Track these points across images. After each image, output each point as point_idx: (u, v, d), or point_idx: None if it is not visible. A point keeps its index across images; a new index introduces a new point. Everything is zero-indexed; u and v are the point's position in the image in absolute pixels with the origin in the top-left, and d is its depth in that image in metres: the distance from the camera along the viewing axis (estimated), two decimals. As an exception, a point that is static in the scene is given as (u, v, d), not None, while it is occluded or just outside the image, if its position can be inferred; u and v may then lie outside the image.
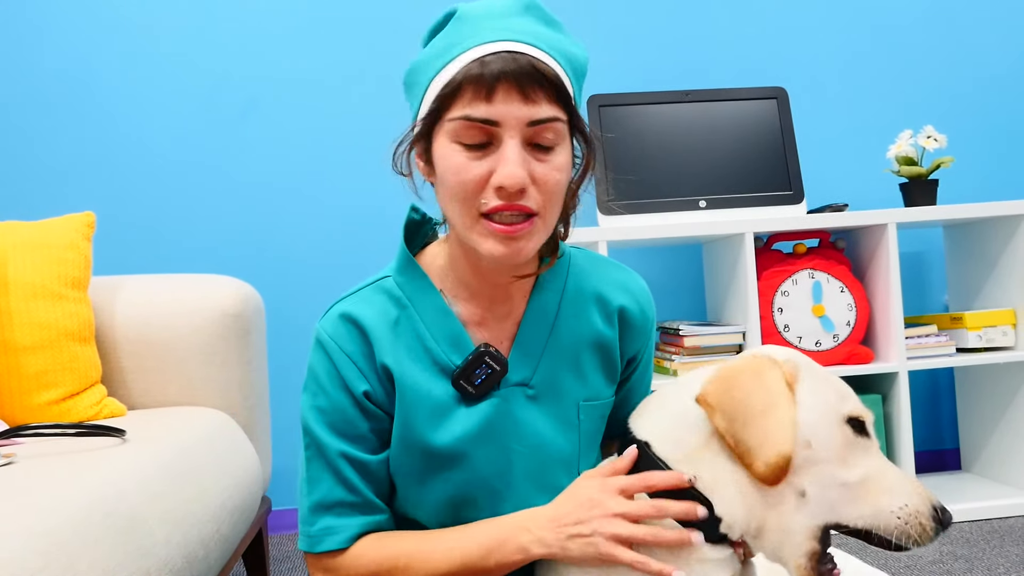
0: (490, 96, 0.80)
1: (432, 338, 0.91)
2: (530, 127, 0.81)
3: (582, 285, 0.97)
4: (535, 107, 0.81)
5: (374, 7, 2.32)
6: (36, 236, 1.47)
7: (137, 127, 2.25)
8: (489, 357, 0.89)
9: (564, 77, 0.84)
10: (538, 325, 0.94)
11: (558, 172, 0.84)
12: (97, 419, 1.41)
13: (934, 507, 0.79)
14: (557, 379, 0.93)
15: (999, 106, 2.47)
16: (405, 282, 0.93)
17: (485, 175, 0.82)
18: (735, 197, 2.11)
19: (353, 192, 2.29)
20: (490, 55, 0.81)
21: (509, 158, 0.80)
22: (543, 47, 0.84)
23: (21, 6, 2.22)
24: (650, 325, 1.00)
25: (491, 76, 0.80)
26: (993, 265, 2.14)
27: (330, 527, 0.90)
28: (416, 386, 0.90)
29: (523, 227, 0.83)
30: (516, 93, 0.80)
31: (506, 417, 0.91)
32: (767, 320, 2.02)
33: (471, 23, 0.84)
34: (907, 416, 1.98)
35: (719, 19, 2.41)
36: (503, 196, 0.81)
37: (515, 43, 0.82)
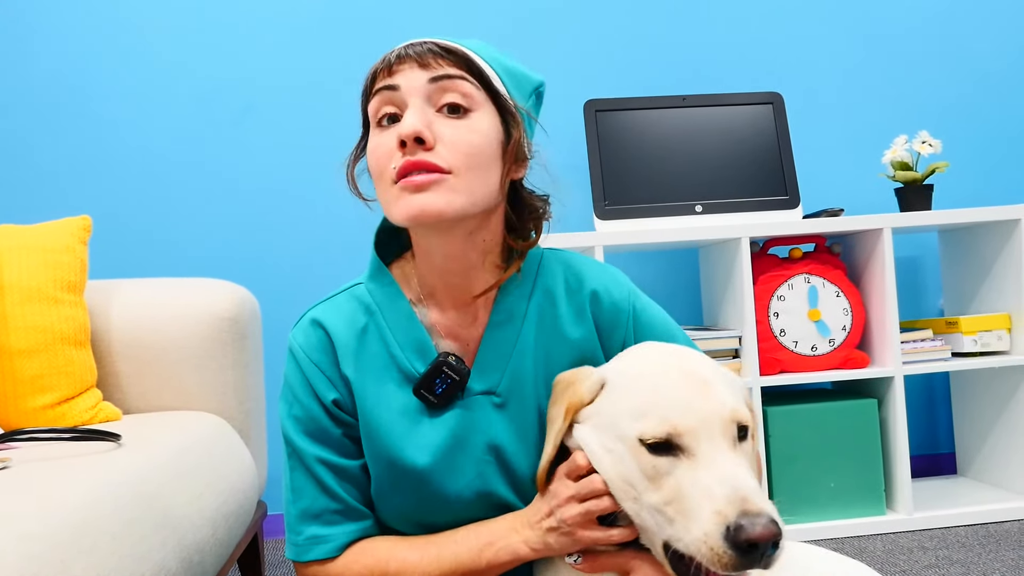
0: (391, 71, 0.85)
1: (398, 346, 0.91)
2: (431, 84, 0.84)
3: (551, 285, 0.95)
4: (433, 69, 0.84)
5: (370, 11, 2.32)
6: (32, 239, 1.47)
7: (134, 131, 2.25)
8: (447, 367, 0.88)
9: (478, 59, 0.86)
10: (504, 330, 0.92)
11: (471, 133, 0.84)
12: (92, 423, 1.41)
13: (728, 527, 0.68)
14: (525, 385, 0.91)
15: (993, 111, 2.48)
16: (375, 288, 0.94)
17: (395, 145, 0.84)
18: (731, 202, 2.11)
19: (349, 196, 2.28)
20: (402, 46, 0.87)
21: (406, 115, 0.83)
22: (457, 41, 0.87)
23: (18, 10, 2.22)
24: (626, 314, 0.95)
25: (393, 57, 0.85)
26: (988, 270, 2.15)
27: (317, 536, 0.90)
28: (379, 397, 0.89)
29: (428, 178, 0.82)
30: (415, 63, 0.84)
31: (472, 427, 0.90)
32: (763, 324, 2.02)
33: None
34: (903, 420, 1.98)
35: (715, 24, 2.42)
36: (406, 152, 0.82)
37: (430, 39, 0.87)
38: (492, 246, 0.92)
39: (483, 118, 0.85)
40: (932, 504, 2.05)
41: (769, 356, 2.01)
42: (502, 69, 0.89)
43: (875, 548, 1.85)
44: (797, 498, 1.99)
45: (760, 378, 1.96)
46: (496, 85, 0.87)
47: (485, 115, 0.86)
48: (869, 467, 2.00)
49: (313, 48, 2.30)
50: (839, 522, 1.97)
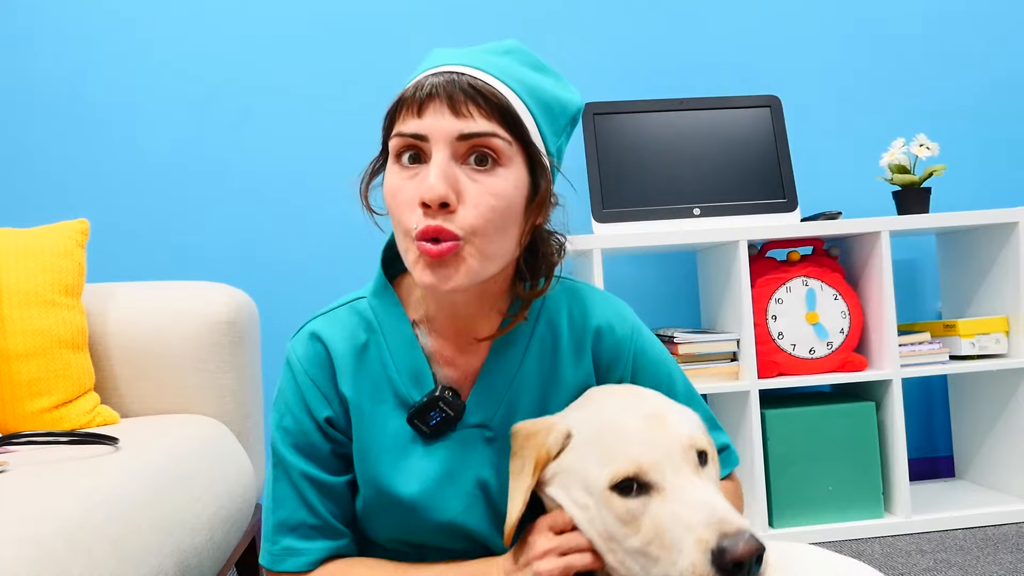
0: (421, 111, 0.79)
1: (396, 369, 0.89)
2: (460, 141, 0.78)
3: (555, 318, 0.93)
4: (466, 121, 0.78)
5: (367, 17, 2.32)
6: (30, 243, 1.46)
7: (132, 135, 2.25)
8: (444, 402, 0.87)
9: (515, 101, 0.81)
10: (503, 364, 0.90)
11: (492, 194, 0.79)
12: (90, 427, 1.41)
13: (712, 551, 0.69)
14: (519, 420, 0.89)
15: (991, 115, 2.48)
16: (379, 306, 0.92)
17: (415, 195, 0.79)
18: (729, 205, 2.11)
19: (347, 200, 2.28)
20: (431, 76, 0.80)
21: (431, 171, 0.77)
22: (493, 71, 0.81)
23: (15, 13, 2.22)
24: (626, 353, 0.94)
25: (422, 93, 0.79)
26: (986, 273, 2.15)
27: (293, 548, 0.89)
28: (373, 419, 0.89)
29: (448, 249, 0.78)
30: (446, 107, 0.78)
31: (463, 461, 0.89)
32: (761, 327, 2.03)
33: (436, 56, 0.84)
34: (900, 424, 1.98)
35: (712, 28, 2.42)
36: (428, 215, 0.78)
37: (461, 66, 0.81)
38: (500, 294, 0.91)
39: (510, 174, 0.81)
40: (930, 507, 2.05)
41: (767, 359, 2.01)
42: (538, 105, 0.84)
43: (873, 551, 1.85)
44: (795, 501, 1.99)
45: (758, 381, 1.96)
46: (529, 134, 0.82)
47: (512, 170, 0.81)
48: (867, 470, 2.00)
49: (311, 53, 2.30)
50: (837, 525, 1.97)
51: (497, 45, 0.86)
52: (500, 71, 0.82)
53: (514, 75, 0.83)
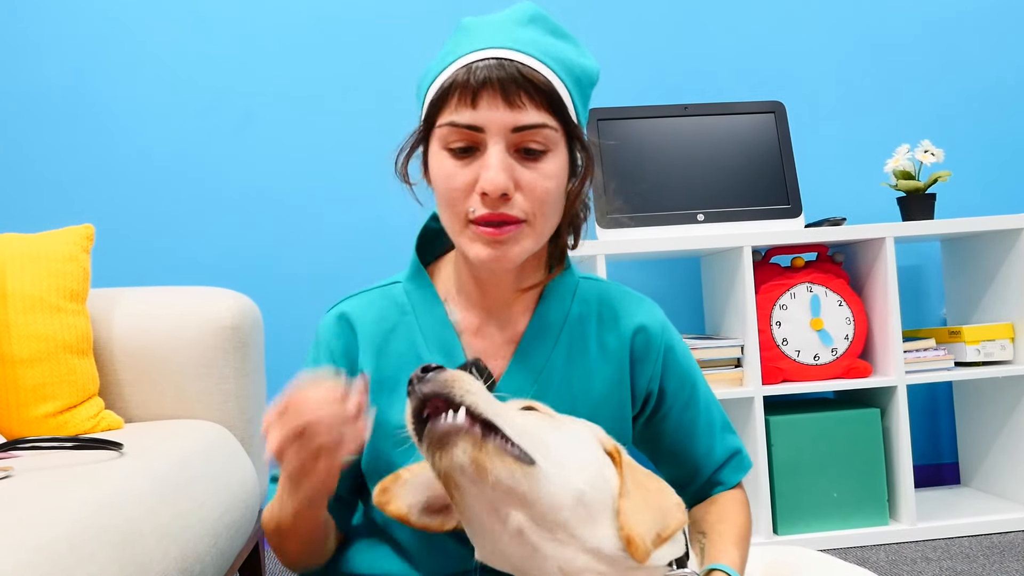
0: (475, 102, 0.80)
1: (427, 347, 0.92)
2: (515, 133, 0.82)
3: (586, 316, 0.95)
4: (520, 112, 0.81)
5: (369, 22, 2.33)
6: (35, 248, 1.47)
7: (136, 140, 2.26)
8: (476, 369, 0.88)
9: (558, 84, 0.84)
10: (539, 346, 0.92)
11: (546, 179, 0.83)
12: (94, 432, 1.41)
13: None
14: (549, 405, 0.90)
15: (996, 120, 2.48)
16: (413, 290, 0.95)
17: (471, 181, 0.83)
18: (733, 211, 2.11)
19: (351, 204, 2.29)
20: (478, 61, 0.82)
21: (491, 164, 0.81)
22: (536, 54, 0.84)
23: (20, 20, 2.23)
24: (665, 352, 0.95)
25: (476, 82, 0.80)
26: (991, 279, 2.15)
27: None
28: (393, 396, 0.90)
29: (509, 230, 0.83)
30: (500, 99, 0.80)
31: None
32: (765, 334, 2.02)
33: (471, 32, 0.85)
34: (906, 430, 1.98)
35: (717, 34, 2.42)
36: (487, 203, 0.82)
37: (506, 50, 0.82)
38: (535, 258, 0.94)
39: (557, 158, 0.85)
40: (935, 514, 2.04)
41: (771, 365, 2.01)
42: (572, 80, 0.87)
43: (878, 558, 1.84)
44: (800, 508, 1.98)
45: (762, 387, 1.96)
46: (570, 114, 0.86)
47: (559, 154, 0.85)
48: (872, 477, 1.99)
49: (314, 57, 2.31)
50: (842, 532, 1.96)
51: (520, 13, 0.87)
52: (539, 50, 0.84)
53: (549, 52, 0.85)
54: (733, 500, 0.98)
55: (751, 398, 1.96)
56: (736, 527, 0.94)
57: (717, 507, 0.98)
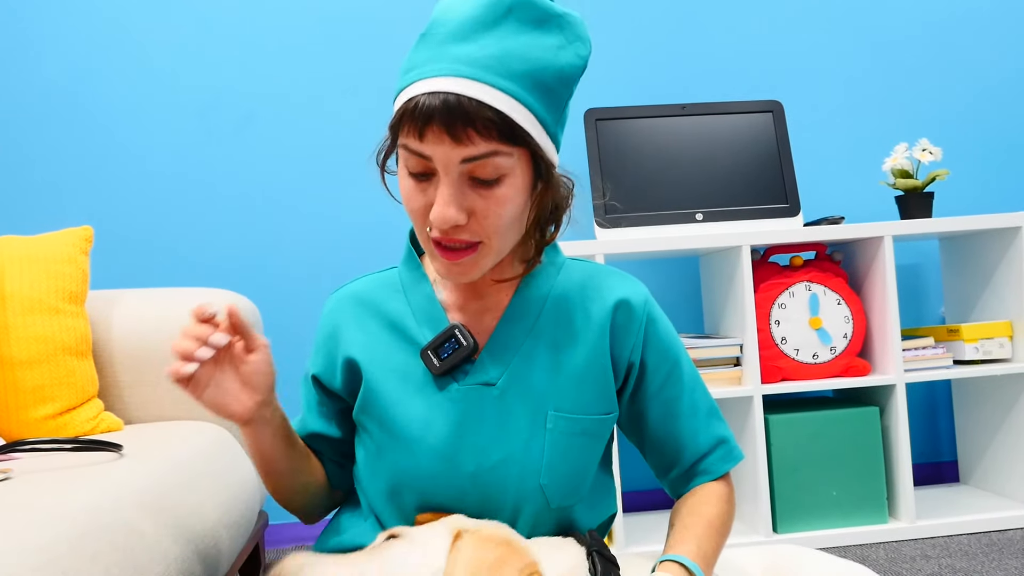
0: (422, 136, 0.80)
1: (415, 321, 0.96)
2: (465, 164, 0.81)
3: (570, 294, 0.97)
4: (466, 146, 0.80)
5: (368, 23, 2.33)
6: (34, 250, 1.47)
7: (134, 142, 2.26)
8: (460, 331, 0.92)
9: (513, 107, 0.81)
10: (517, 325, 0.94)
11: (499, 206, 0.83)
12: (94, 433, 1.41)
13: None
14: (529, 382, 0.92)
15: (994, 119, 2.48)
16: (404, 272, 1.00)
17: (427, 205, 0.84)
18: (732, 210, 2.11)
19: (349, 205, 2.29)
20: (423, 95, 0.80)
21: (440, 198, 0.82)
22: (489, 78, 0.80)
23: (18, 21, 2.23)
24: (646, 325, 0.97)
25: (421, 117, 0.79)
26: (989, 277, 2.15)
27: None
28: (385, 366, 0.95)
29: (466, 254, 0.85)
30: (445, 135, 0.79)
31: (464, 413, 0.91)
32: (764, 332, 2.02)
33: (430, 46, 0.83)
34: (905, 428, 1.98)
35: (715, 33, 2.42)
36: (440, 231, 0.84)
37: (453, 79, 0.80)
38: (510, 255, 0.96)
39: (514, 180, 0.84)
40: (935, 512, 2.04)
41: (770, 364, 2.01)
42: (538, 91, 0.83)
43: (878, 556, 1.85)
44: (799, 506, 1.99)
45: (761, 386, 1.96)
46: (530, 135, 0.83)
47: (516, 174, 0.84)
48: (871, 475, 2.00)
49: (312, 58, 2.31)
50: (841, 530, 1.96)
51: (497, 4, 0.82)
52: (495, 71, 0.81)
53: (511, 67, 0.81)
54: (711, 492, 0.98)
55: (750, 397, 1.96)
56: (705, 519, 0.93)
57: (693, 499, 0.98)
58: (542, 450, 0.91)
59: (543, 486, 0.91)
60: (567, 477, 0.92)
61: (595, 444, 0.96)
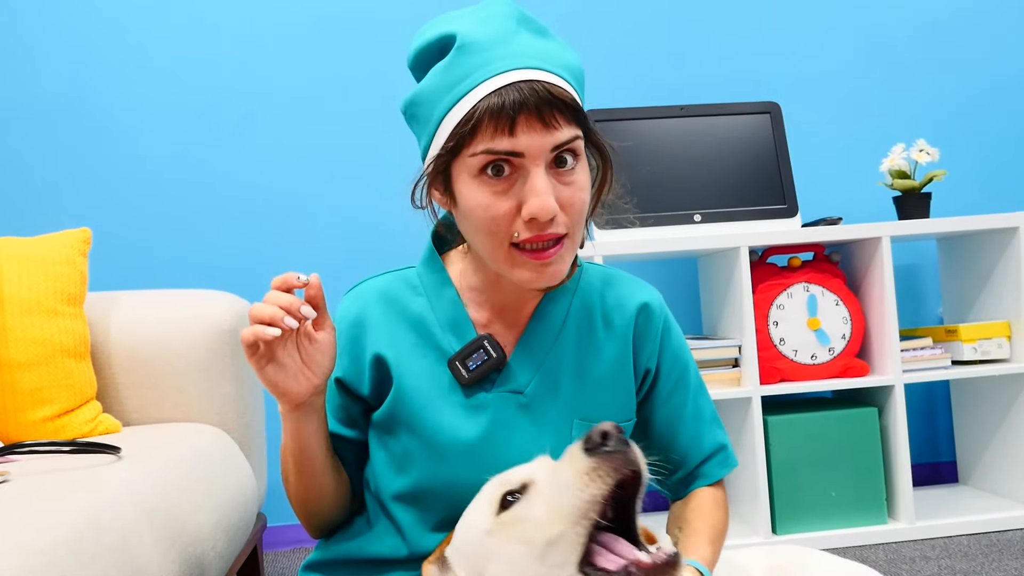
0: (513, 129, 0.80)
1: (439, 326, 0.94)
2: (553, 152, 0.82)
3: (591, 300, 0.98)
4: (556, 132, 0.81)
5: (367, 23, 2.32)
6: (32, 252, 1.47)
7: (133, 143, 2.25)
8: (488, 343, 0.91)
9: (575, 94, 0.85)
10: (542, 335, 0.94)
11: (582, 191, 0.85)
12: (92, 436, 1.41)
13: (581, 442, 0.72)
14: (554, 392, 0.93)
15: (990, 119, 2.48)
16: (425, 273, 0.97)
17: (514, 207, 0.83)
18: (730, 211, 2.11)
19: (348, 207, 2.29)
20: (506, 86, 0.81)
21: (539, 189, 0.81)
22: (551, 67, 0.84)
23: (17, 23, 2.23)
24: (663, 331, 0.99)
25: (511, 108, 0.80)
26: (987, 277, 2.15)
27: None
28: (412, 368, 0.93)
29: (555, 251, 0.85)
30: (537, 122, 0.80)
31: (493, 420, 0.92)
32: (763, 333, 2.02)
33: (476, 53, 0.83)
34: (903, 429, 1.98)
35: (712, 34, 2.43)
36: (535, 227, 0.83)
37: (527, 70, 0.82)
38: None
39: (583, 168, 0.86)
40: (934, 513, 2.04)
41: (769, 365, 2.01)
42: (576, 82, 0.88)
43: (877, 557, 1.85)
44: (798, 507, 1.99)
45: (760, 387, 1.96)
46: (590, 125, 0.87)
47: (583, 163, 0.87)
48: (870, 476, 2.00)
49: (311, 60, 2.31)
50: (840, 531, 1.96)
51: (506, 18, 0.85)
52: (552, 62, 0.84)
53: (556, 60, 0.85)
54: (711, 498, 1.00)
55: (749, 398, 1.96)
56: (711, 526, 0.96)
57: (695, 503, 0.99)
58: None
59: None
60: None
61: None
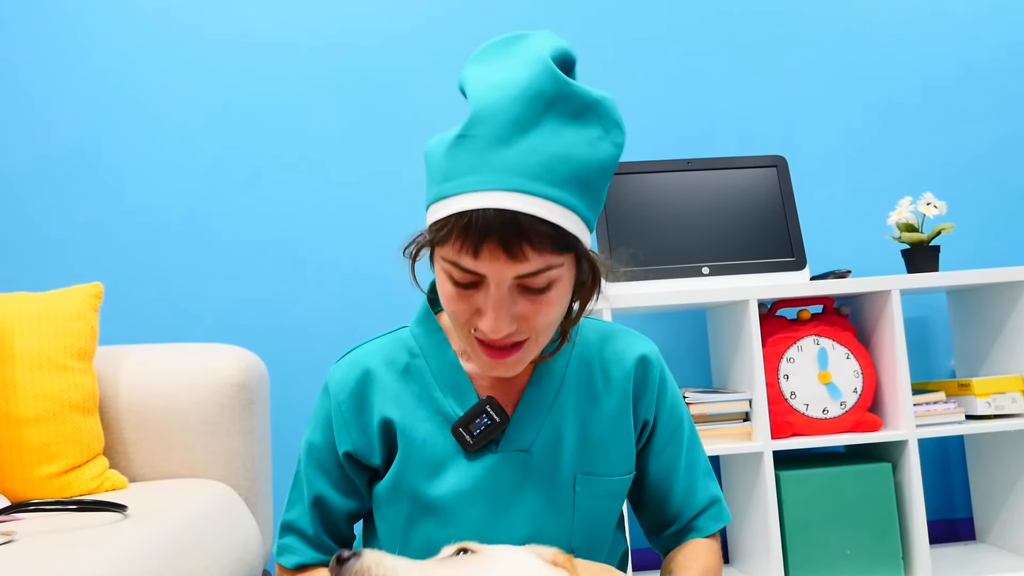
0: (476, 254, 0.78)
1: (439, 388, 0.93)
2: (516, 280, 0.80)
3: (589, 355, 0.97)
4: (521, 263, 0.78)
5: (375, 80, 2.37)
6: (43, 307, 1.48)
7: (143, 199, 2.28)
8: (491, 407, 0.91)
9: (567, 217, 0.79)
10: (543, 393, 0.94)
11: (549, 309, 0.83)
12: (99, 492, 1.40)
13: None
14: (557, 448, 0.93)
15: (997, 173, 2.50)
16: (420, 333, 0.96)
17: (473, 310, 0.83)
18: (738, 264, 2.12)
19: (356, 262, 2.30)
20: (477, 211, 0.76)
21: (491, 312, 0.80)
22: (540, 189, 0.77)
23: (24, 79, 2.28)
24: (660, 382, 0.99)
25: (476, 234, 0.76)
26: (999, 330, 2.14)
27: (289, 546, 0.98)
28: (416, 434, 0.92)
29: (512, 352, 0.85)
30: (500, 252, 0.77)
31: (498, 483, 0.91)
32: (773, 387, 2.01)
33: (472, 152, 0.78)
34: (918, 485, 1.95)
35: (720, 88, 2.46)
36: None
37: (505, 193, 0.76)
38: None
39: (562, 285, 0.83)
40: (951, 571, 2.00)
41: (780, 419, 1.99)
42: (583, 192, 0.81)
43: (895, 618, 1.80)
44: (813, 564, 1.95)
45: (771, 442, 1.94)
46: (578, 241, 0.82)
47: (565, 279, 0.83)
48: (885, 532, 1.96)
49: (320, 115, 2.35)
50: (857, 591, 1.92)
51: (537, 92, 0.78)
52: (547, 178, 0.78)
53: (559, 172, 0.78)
54: (705, 546, 0.99)
55: (760, 453, 1.94)
56: (704, 567, 0.95)
57: (688, 550, 0.99)
58: (572, 513, 0.92)
59: (574, 549, 0.92)
60: (594, 539, 0.95)
61: (617, 504, 0.97)
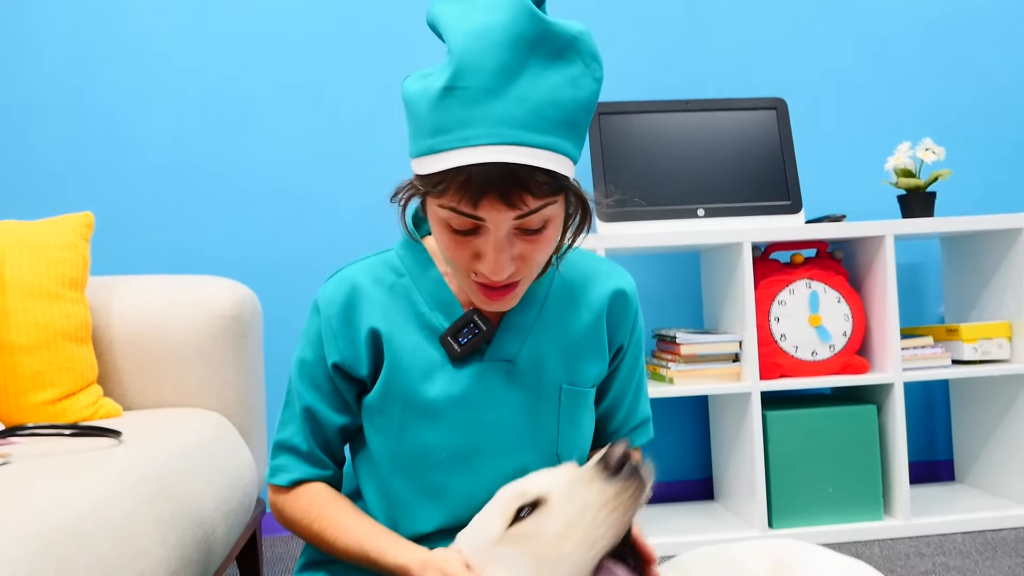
0: (476, 206, 0.80)
1: (425, 304, 0.97)
2: (516, 221, 0.83)
3: (571, 278, 1.02)
4: (520, 208, 0.81)
5: (371, 14, 2.32)
6: (34, 236, 1.47)
7: (136, 129, 2.25)
8: (477, 317, 0.95)
9: (558, 161, 0.81)
10: (526, 307, 0.98)
11: (544, 246, 0.87)
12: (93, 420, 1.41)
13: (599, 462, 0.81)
14: (541, 361, 0.97)
15: (997, 119, 2.48)
16: (406, 255, 0.99)
17: (473, 255, 0.86)
18: (733, 206, 2.11)
19: (350, 194, 2.29)
20: (477, 165, 0.78)
21: (492, 255, 0.84)
22: (533, 139, 0.79)
23: (21, 10, 2.22)
24: (635, 314, 1.05)
25: (477, 189, 0.79)
26: (989, 278, 2.15)
27: (283, 465, 1.00)
28: (404, 344, 0.96)
29: (508, 291, 0.89)
30: (500, 203, 0.80)
31: (485, 389, 0.95)
32: (763, 329, 2.03)
33: (462, 104, 0.79)
34: (902, 427, 1.98)
35: (720, 30, 2.42)
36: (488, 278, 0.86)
37: (501, 147, 0.78)
38: None
39: (556, 222, 0.87)
40: (930, 510, 2.05)
41: (769, 361, 2.01)
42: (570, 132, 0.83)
43: (872, 554, 1.85)
44: (795, 502, 1.99)
45: (760, 382, 1.96)
46: (568, 179, 0.84)
47: (558, 216, 0.87)
48: (867, 473, 2.00)
49: (315, 48, 2.30)
50: (837, 527, 1.97)
51: (518, 35, 0.79)
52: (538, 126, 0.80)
53: (548, 118, 0.81)
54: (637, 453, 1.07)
55: (748, 393, 1.97)
56: None
57: None
58: (557, 421, 0.98)
59: (559, 455, 0.98)
60: (577, 447, 1.00)
61: (592, 415, 1.04)
